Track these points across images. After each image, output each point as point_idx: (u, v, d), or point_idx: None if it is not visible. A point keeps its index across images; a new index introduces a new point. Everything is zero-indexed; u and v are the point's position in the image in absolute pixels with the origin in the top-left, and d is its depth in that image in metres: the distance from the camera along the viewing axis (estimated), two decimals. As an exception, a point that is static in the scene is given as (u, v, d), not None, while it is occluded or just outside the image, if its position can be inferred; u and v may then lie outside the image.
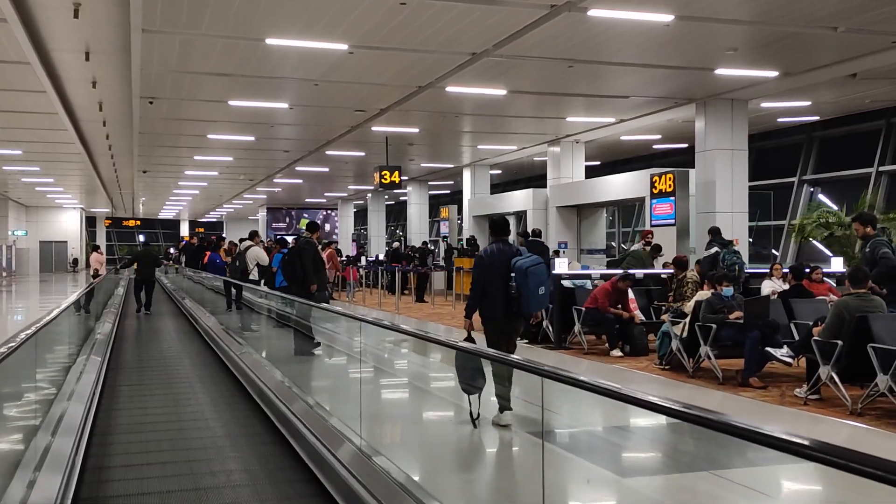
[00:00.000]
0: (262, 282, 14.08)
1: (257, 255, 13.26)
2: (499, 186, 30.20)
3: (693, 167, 15.40)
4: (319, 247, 12.25)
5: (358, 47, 11.16)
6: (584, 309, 10.12)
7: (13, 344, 4.07)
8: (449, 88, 13.87)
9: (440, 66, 12.39)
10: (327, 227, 40.93)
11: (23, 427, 5.25)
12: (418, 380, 8.08)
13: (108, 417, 7.14)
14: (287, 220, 42.81)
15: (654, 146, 22.95)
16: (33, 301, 24.79)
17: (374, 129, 18.07)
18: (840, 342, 6.65)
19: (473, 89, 14.09)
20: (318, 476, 5.07)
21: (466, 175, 26.46)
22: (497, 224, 6.91)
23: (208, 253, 17.18)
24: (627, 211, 25.10)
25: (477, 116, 17.54)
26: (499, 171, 28.25)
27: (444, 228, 26.45)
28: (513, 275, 6.24)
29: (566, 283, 10.74)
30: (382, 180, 19.27)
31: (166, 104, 15.07)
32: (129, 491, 5.04)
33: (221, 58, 11.79)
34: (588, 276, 11.29)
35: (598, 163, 25.14)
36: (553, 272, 10.27)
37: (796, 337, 8.03)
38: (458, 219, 27.30)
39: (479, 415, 5.54)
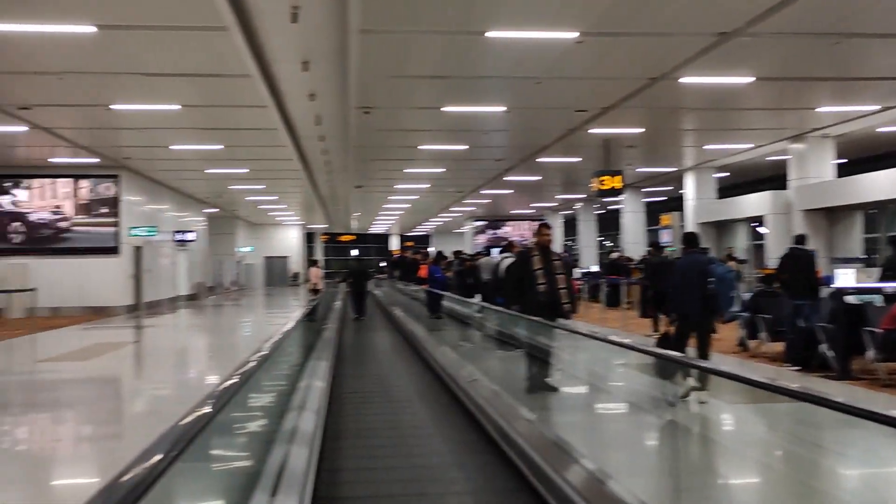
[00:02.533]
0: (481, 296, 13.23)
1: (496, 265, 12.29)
2: (721, 191, 27.78)
3: None
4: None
5: (589, 34, 10.01)
6: (880, 331, 8.26)
7: (265, 352, 4.67)
8: (684, 79, 12.38)
9: (679, 51, 10.97)
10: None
11: (278, 410, 5.80)
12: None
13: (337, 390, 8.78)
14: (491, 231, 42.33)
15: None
16: (260, 313, 25.71)
17: (591, 131, 16.82)
18: None
19: (713, 78, 12.50)
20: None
21: (689, 179, 24.48)
22: (689, 237, 8.63)
23: (424, 266, 16.66)
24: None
25: (707, 112, 15.77)
26: (725, 174, 25.96)
27: (665, 237, 24.59)
28: (710, 279, 7.81)
29: (851, 298, 8.90)
30: (601, 186, 17.92)
31: (382, 114, 14.67)
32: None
33: (439, 58, 11.08)
34: (878, 291, 9.35)
35: (844, 160, 22.27)
36: (833, 286, 8.54)
37: None
38: (681, 226, 25.32)
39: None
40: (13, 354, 12.85)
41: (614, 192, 18.15)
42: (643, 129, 17.31)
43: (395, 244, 61.29)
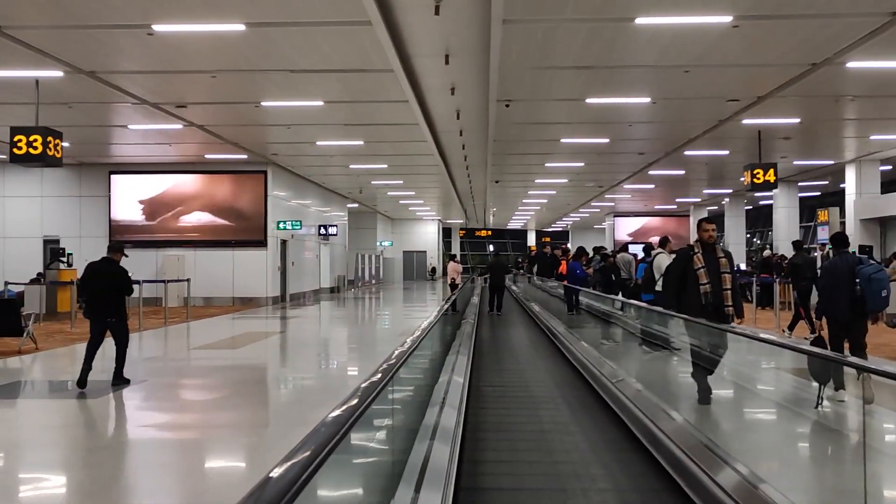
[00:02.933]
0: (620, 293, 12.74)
1: (660, 265, 11.71)
2: (884, 186, 25.83)
3: None
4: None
5: (745, 18, 9.41)
6: None
7: (406, 347, 4.73)
8: (851, 64, 11.44)
9: (846, 34, 10.13)
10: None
11: (420, 404, 6.04)
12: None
13: (476, 383, 9.01)
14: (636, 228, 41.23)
15: None
16: (399, 306, 26.03)
17: (744, 122, 15.92)
18: None
19: (884, 63, 11.49)
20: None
21: (850, 172, 22.85)
22: (839, 237, 8.35)
23: (564, 262, 16.29)
24: None
25: (875, 99, 14.53)
26: (888, 167, 24.10)
27: (822, 234, 23.04)
28: (857, 280, 7.64)
29: None
30: (754, 180, 16.93)
31: (522, 107, 14.43)
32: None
33: (583, 47, 10.71)
34: None
35: None
36: None
37: None
38: (841, 222, 23.68)
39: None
40: (170, 341, 13.52)
41: (768, 185, 17.08)
42: (799, 120, 16.21)
43: (532, 240, 60.96)
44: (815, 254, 21.02)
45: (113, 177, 22.72)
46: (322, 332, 16.94)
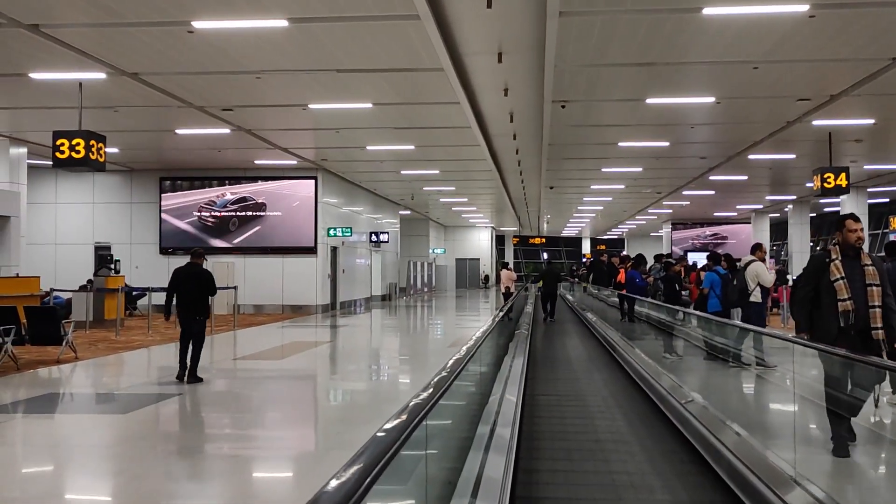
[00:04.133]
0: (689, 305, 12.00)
1: (759, 273, 10.96)
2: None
3: None
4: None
5: (822, 6, 8.70)
6: None
7: (471, 344, 5.10)
8: (937, 57, 10.60)
9: (934, 23, 9.32)
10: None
11: (474, 416, 5.85)
12: None
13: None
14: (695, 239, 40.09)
15: None
16: (451, 315, 25.59)
17: (815, 123, 15.05)
18: None
19: (973, 55, 10.61)
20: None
21: (925, 177, 21.63)
22: (891, 246, 8.74)
23: (623, 271, 15.60)
24: None
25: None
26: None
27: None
28: None
29: None
30: (825, 185, 16.01)
31: (578, 108, 13.83)
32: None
33: (644, 42, 10.07)
34: None
35: None
36: None
37: None
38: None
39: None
40: (213, 351, 13.21)
41: (839, 190, 16.15)
42: (874, 121, 15.26)
43: (586, 247, 60.04)
44: None
45: (164, 183, 22.74)
46: (371, 341, 16.54)
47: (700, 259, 21.73)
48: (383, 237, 29.09)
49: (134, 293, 20.40)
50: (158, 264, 22.33)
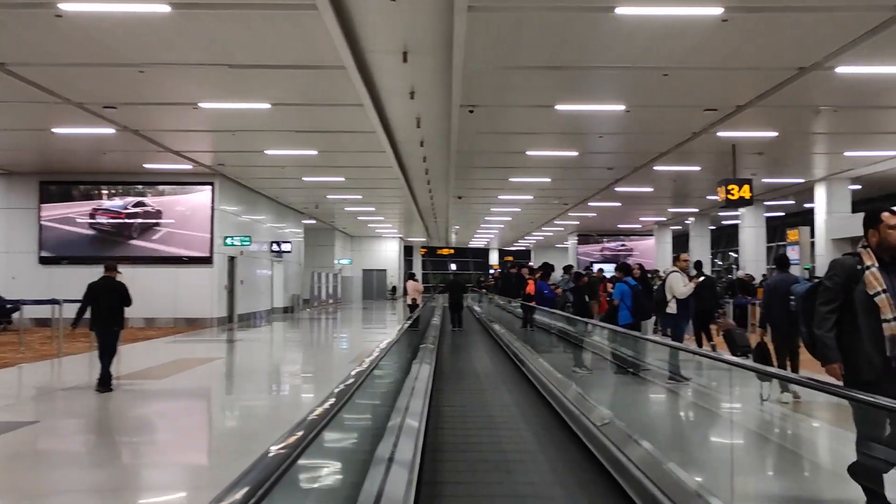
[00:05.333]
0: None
1: (672, 284, 10.56)
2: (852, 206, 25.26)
3: None
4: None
5: (736, 10, 8.45)
6: None
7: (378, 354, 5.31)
8: (840, 69, 10.56)
9: (842, 33, 9.24)
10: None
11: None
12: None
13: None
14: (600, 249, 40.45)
15: None
16: (356, 328, 24.83)
17: (720, 134, 15.03)
18: None
19: (873, 68, 10.64)
20: None
21: (820, 191, 22.17)
22: (780, 259, 9.47)
23: (531, 281, 15.19)
24: None
25: (853, 112, 13.69)
26: (856, 187, 23.46)
27: (792, 254, 22.35)
28: (791, 298, 8.30)
29: None
30: (729, 196, 16.04)
31: (487, 113, 13.36)
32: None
33: (555, 43, 9.65)
34: None
35: None
36: None
37: None
38: (811, 242, 23.03)
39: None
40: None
41: (743, 202, 16.22)
42: (777, 133, 15.37)
43: (494, 259, 60.11)
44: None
45: (46, 188, 21.14)
46: (268, 357, 15.62)
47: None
48: (286, 247, 28.04)
49: (7, 306, 18.83)
50: (37, 275, 20.74)
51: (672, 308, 10.48)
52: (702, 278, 11.54)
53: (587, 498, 5.32)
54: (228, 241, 21.99)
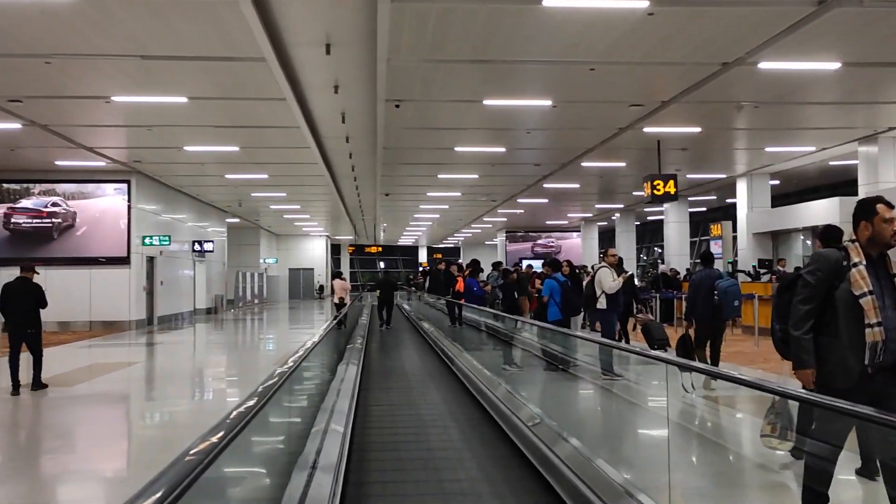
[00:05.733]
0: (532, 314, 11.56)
1: (601, 279, 10.55)
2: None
3: None
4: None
5: (662, 4, 8.39)
6: None
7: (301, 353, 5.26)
8: (763, 64, 10.67)
9: (766, 27, 9.28)
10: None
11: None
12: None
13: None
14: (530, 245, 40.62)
15: None
16: (281, 328, 24.32)
17: (646, 130, 15.14)
18: None
19: (795, 64, 10.78)
20: None
21: (741, 186, 22.66)
22: (706, 256, 10.03)
23: (461, 279, 15.03)
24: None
25: (774, 108, 13.90)
26: (775, 182, 24.05)
27: (715, 248, 22.82)
28: (715, 293, 9.24)
29: None
30: (655, 191, 16.20)
31: (413, 108, 13.12)
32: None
33: (482, 36, 9.47)
34: None
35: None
36: None
37: None
38: (733, 236, 23.53)
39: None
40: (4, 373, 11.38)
41: (668, 197, 16.41)
42: (700, 129, 15.57)
43: (423, 256, 59.94)
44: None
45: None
46: (190, 360, 15.06)
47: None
48: (208, 246, 27.25)
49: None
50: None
51: (602, 303, 10.45)
52: (629, 273, 11.60)
53: (514, 495, 5.29)
54: (147, 240, 21.21)
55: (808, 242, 22.11)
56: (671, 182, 16.34)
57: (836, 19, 8.86)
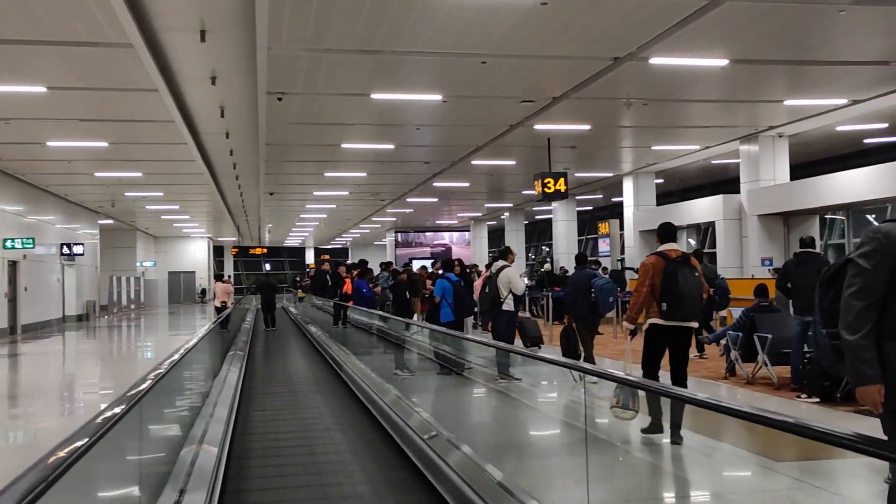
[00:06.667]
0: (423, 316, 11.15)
1: (511, 279, 10.23)
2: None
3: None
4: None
5: (556, -8, 8.11)
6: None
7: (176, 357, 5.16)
8: (654, 60, 10.62)
9: (658, 20, 9.15)
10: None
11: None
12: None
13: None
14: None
15: (867, 140, 18.94)
16: (160, 334, 23.11)
17: (536, 127, 14.99)
18: None
19: (685, 60, 10.79)
20: None
21: (628, 185, 23.03)
22: (580, 257, 10.61)
23: (348, 280, 14.45)
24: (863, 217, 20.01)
25: (668, 104, 14.05)
26: (658, 181, 24.56)
27: (603, 246, 23.09)
28: (592, 290, 9.64)
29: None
30: (546, 189, 16.09)
31: (297, 101, 12.48)
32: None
33: (368, 24, 8.97)
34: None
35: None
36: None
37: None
38: (620, 234, 23.88)
39: None
40: None
41: (558, 195, 16.35)
42: (589, 127, 15.57)
43: (310, 258, 58.75)
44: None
45: None
46: (56, 371, 13.88)
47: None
48: (78, 249, 25.50)
49: None
50: None
51: (509, 304, 10.17)
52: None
53: (396, 497, 5.29)
54: (8, 243, 19.61)
55: (692, 241, 22.66)
56: (562, 180, 16.27)
57: (727, 14, 8.83)
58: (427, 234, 40.24)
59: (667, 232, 6.74)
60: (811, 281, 7.67)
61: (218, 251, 52.48)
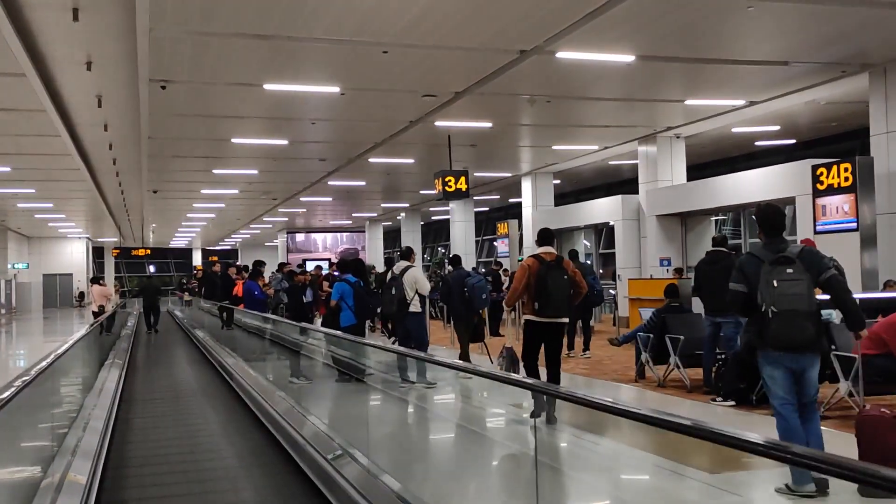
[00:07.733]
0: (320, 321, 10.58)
1: (417, 279, 9.98)
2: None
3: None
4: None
5: (464, -24, 7.66)
6: (858, 356, 6.40)
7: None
8: (561, 54, 10.32)
9: (564, 14, 8.84)
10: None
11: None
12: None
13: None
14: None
15: (758, 143, 19.43)
16: (37, 340, 21.48)
17: (437, 123, 14.56)
18: None
19: (592, 55, 10.56)
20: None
21: (526, 185, 22.95)
22: (455, 259, 12.08)
23: (240, 282, 13.60)
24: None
25: (571, 101, 13.88)
26: (556, 182, 24.59)
27: (502, 246, 22.86)
28: (465, 289, 10.65)
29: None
30: (446, 188, 15.65)
31: (183, 91, 11.60)
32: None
33: (261, 6, 8.30)
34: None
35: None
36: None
37: None
38: (520, 234, 23.75)
39: None
40: None
41: (459, 194, 15.95)
42: (491, 124, 15.27)
43: (198, 259, 56.59)
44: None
45: None
46: None
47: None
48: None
49: None
50: None
51: (416, 306, 9.72)
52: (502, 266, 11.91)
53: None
54: None
55: (587, 243, 22.76)
56: (462, 178, 15.85)
57: (636, 7, 8.59)
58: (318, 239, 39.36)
59: (544, 237, 7.75)
60: (722, 281, 7.50)
61: (98, 252, 49.80)
